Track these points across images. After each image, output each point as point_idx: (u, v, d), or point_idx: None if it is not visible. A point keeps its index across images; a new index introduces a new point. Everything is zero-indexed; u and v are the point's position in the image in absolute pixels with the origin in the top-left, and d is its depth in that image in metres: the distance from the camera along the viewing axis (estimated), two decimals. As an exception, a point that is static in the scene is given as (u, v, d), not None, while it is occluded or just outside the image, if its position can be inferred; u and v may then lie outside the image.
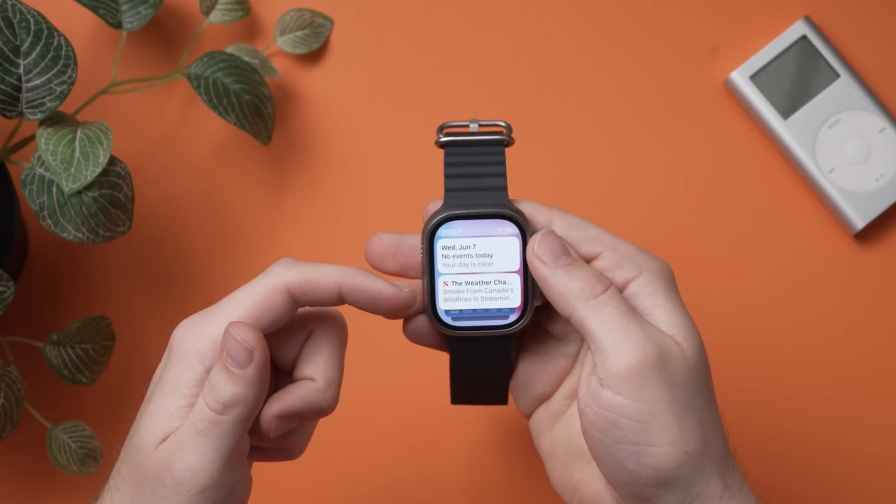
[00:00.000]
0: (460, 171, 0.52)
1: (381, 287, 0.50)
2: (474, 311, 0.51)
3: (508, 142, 0.53)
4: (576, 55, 0.74)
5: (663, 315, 0.50)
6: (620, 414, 0.48)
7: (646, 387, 0.48)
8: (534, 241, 0.50)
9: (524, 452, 0.70)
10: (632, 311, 0.49)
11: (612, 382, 0.48)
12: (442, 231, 0.51)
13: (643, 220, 0.72)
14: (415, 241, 0.52)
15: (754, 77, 0.72)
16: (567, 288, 0.49)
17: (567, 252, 0.50)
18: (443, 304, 0.51)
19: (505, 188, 0.52)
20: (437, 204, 0.52)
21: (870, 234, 0.72)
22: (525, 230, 0.51)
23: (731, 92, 0.73)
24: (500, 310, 0.51)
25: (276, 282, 0.49)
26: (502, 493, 0.70)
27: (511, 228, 0.51)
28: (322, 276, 0.49)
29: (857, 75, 0.73)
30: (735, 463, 0.51)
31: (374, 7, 0.74)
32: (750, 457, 0.54)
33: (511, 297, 0.51)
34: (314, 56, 0.73)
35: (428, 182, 0.67)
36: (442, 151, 0.53)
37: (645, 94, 0.73)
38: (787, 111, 0.72)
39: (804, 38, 0.73)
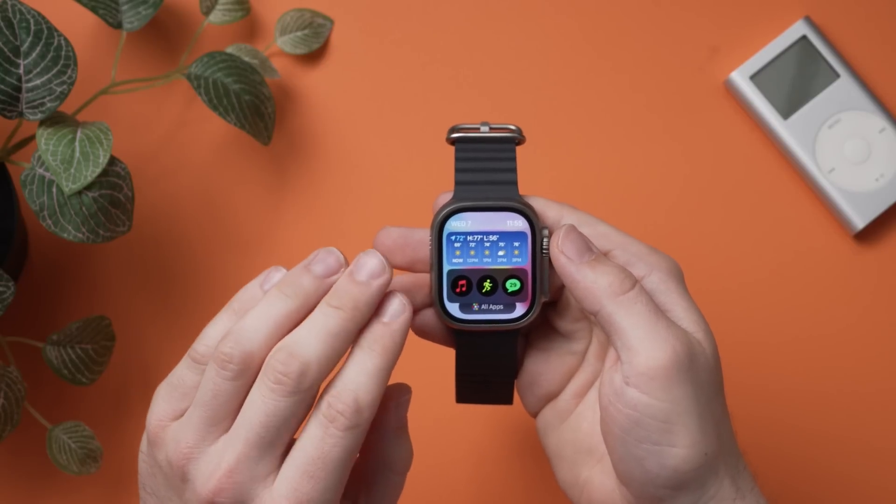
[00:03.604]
0: (471, 166, 0.52)
1: (398, 332, 0.49)
2: (482, 305, 0.51)
3: (520, 140, 0.53)
4: (575, 55, 0.74)
5: (682, 313, 0.50)
6: (645, 413, 0.47)
7: (673, 387, 0.47)
8: (557, 238, 0.50)
9: (529, 451, 0.70)
10: (658, 309, 0.49)
11: (639, 381, 0.47)
12: (451, 223, 0.51)
13: (643, 220, 0.72)
14: (423, 235, 0.52)
15: (754, 77, 0.72)
16: (595, 283, 0.49)
17: (590, 248, 0.50)
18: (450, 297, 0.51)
19: (515, 183, 0.52)
20: (448, 196, 0.52)
21: (870, 234, 0.72)
22: (534, 224, 0.51)
23: (731, 92, 0.73)
24: (508, 304, 0.51)
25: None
26: (507, 492, 0.70)
27: (521, 222, 0.51)
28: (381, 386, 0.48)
29: (857, 75, 0.73)
30: (745, 464, 0.51)
31: (374, 7, 0.74)
32: (753, 453, 0.54)
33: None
34: (314, 56, 0.73)
35: (428, 182, 0.67)
36: (452, 150, 0.53)
37: (645, 95, 0.73)
38: (787, 111, 0.72)
39: (804, 38, 0.73)
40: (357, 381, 0.46)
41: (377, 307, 0.48)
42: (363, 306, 0.47)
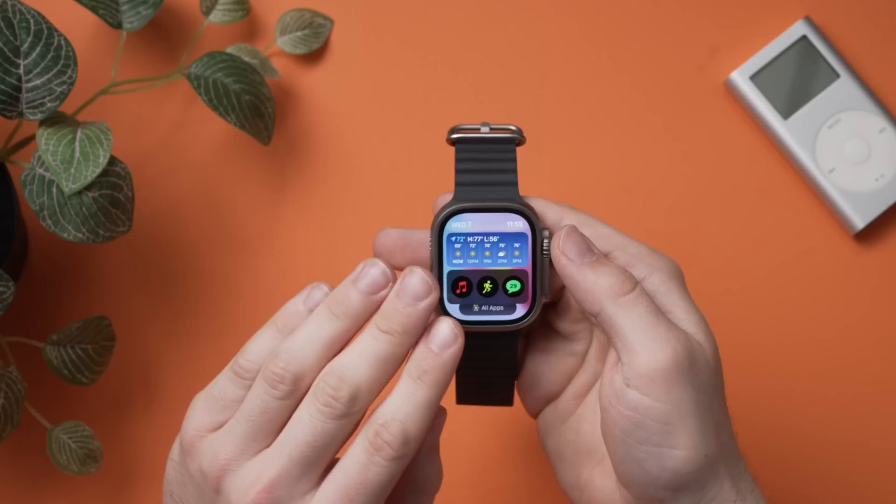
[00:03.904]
0: (471, 167, 0.52)
1: (448, 363, 0.49)
2: (482, 306, 0.51)
3: (520, 140, 0.53)
4: (575, 55, 0.74)
5: (683, 314, 0.50)
6: (646, 415, 0.47)
7: (674, 389, 0.47)
8: (558, 238, 0.50)
9: (530, 453, 0.70)
10: (659, 310, 0.49)
11: (639, 383, 0.47)
12: (451, 224, 0.51)
13: (643, 220, 0.72)
14: (423, 236, 0.52)
15: (754, 77, 0.72)
16: (595, 285, 0.49)
17: (591, 249, 0.50)
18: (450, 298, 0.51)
19: (515, 184, 0.52)
20: (448, 197, 0.52)
21: (870, 234, 0.72)
22: (535, 225, 0.51)
23: (731, 92, 0.73)
24: (508, 305, 0.51)
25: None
26: (507, 493, 0.70)
27: (521, 223, 0.51)
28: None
29: (857, 75, 0.73)
30: (746, 465, 0.51)
31: (374, 7, 0.74)
32: (753, 455, 0.54)
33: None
34: (314, 56, 0.73)
35: (428, 182, 0.67)
36: (451, 150, 0.53)
37: (645, 94, 0.73)
38: (787, 111, 0.72)
39: (804, 38, 0.73)
40: (405, 411, 0.46)
41: (427, 328, 0.48)
42: (412, 329, 0.48)
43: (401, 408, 0.47)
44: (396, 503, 0.50)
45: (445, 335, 0.48)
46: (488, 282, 0.51)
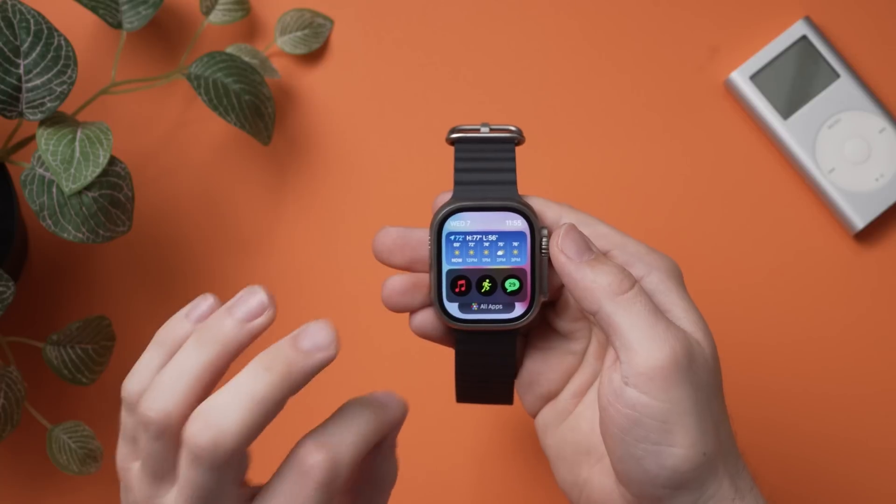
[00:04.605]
0: (470, 166, 0.52)
1: (395, 415, 0.47)
2: (481, 304, 0.51)
3: (519, 140, 0.53)
4: (575, 55, 0.74)
5: (681, 313, 0.50)
6: (644, 413, 0.47)
7: (672, 387, 0.47)
8: (557, 236, 0.50)
9: (529, 451, 0.70)
10: (657, 309, 0.49)
11: (638, 381, 0.47)
12: (450, 222, 0.51)
13: (643, 220, 0.72)
14: (422, 235, 0.52)
15: (754, 77, 0.72)
16: (594, 283, 0.49)
17: (590, 247, 0.50)
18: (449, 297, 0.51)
19: (514, 183, 0.52)
20: (447, 196, 0.52)
21: (870, 234, 0.72)
22: (534, 224, 0.51)
23: (731, 92, 0.73)
24: (507, 304, 0.51)
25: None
26: (507, 492, 0.70)
27: (520, 222, 0.51)
28: (361, 450, 0.45)
29: (857, 75, 0.73)
30: (744, 464, 0.51)
31: (374, 7, 0.74)
32: (752, 454, 0.54)
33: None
34: (314, 56, 0.73)
35: (428, 182, 0.67)
36: (451, 150, 0.53)
37: (645, 94, 0.73)
38: (787, 111, 0.72)
39: (804, 38, 0.73)
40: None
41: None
42: (300, 377, 0.43)
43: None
44: (353, 499, 0.48)
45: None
46: (487, 280, 0.51)
